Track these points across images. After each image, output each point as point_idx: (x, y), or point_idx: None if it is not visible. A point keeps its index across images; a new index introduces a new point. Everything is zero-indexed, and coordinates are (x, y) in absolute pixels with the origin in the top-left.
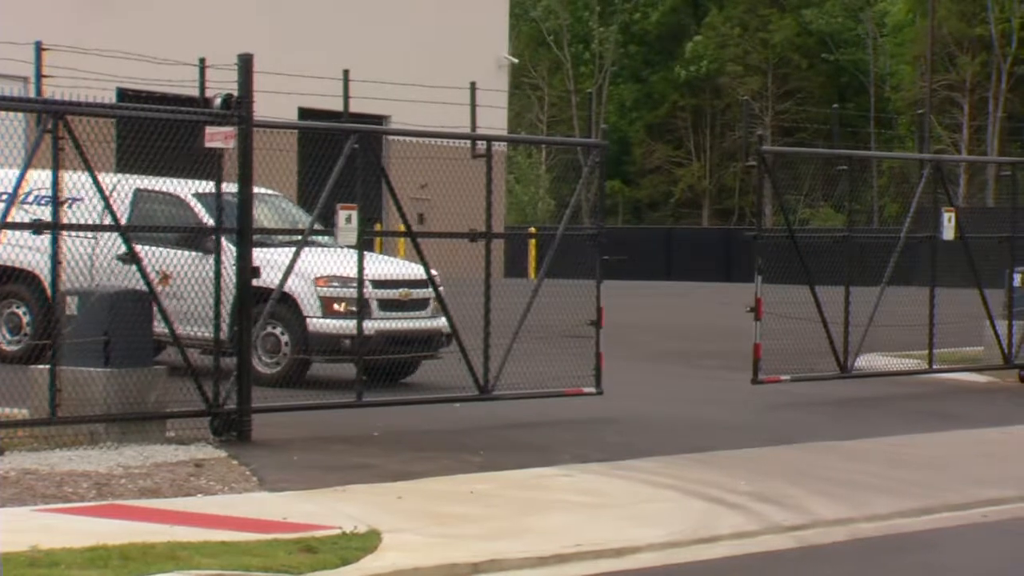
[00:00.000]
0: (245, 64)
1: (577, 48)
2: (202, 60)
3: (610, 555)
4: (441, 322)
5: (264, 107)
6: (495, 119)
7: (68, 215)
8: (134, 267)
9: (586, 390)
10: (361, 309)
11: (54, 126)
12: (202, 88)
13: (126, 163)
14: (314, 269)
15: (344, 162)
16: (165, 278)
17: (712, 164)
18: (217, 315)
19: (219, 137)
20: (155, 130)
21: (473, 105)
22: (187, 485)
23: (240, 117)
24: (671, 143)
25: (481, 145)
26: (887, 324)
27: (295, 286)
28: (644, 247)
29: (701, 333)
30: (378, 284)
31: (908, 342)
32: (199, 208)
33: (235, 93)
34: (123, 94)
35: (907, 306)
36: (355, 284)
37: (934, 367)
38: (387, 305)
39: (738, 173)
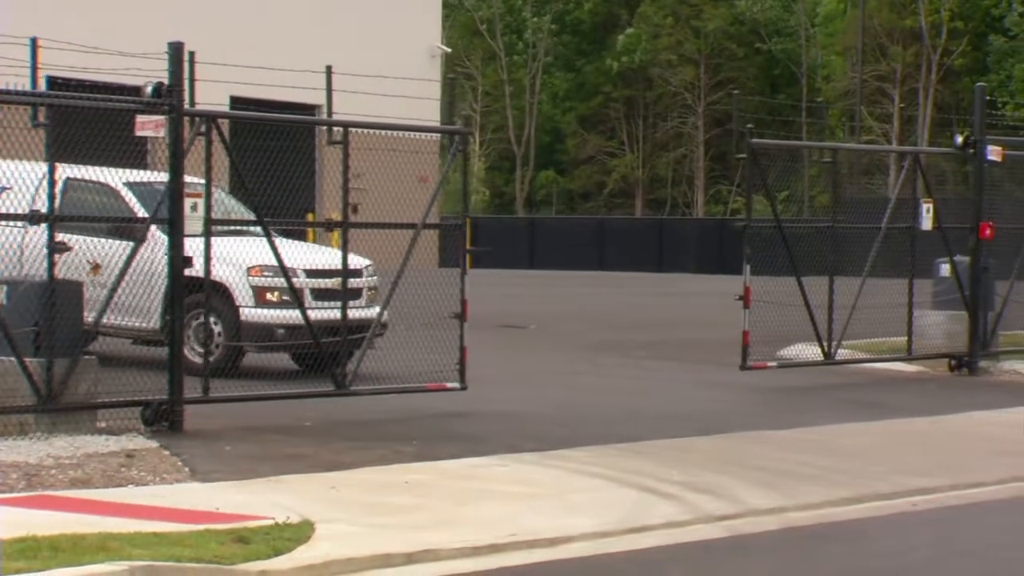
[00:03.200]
0: (176, 53)
1: (510, 38)
2: (33, 40)
3: (544, 545)
4: (377, 311)
5: (197, 96)
6: (428, 109)
7: None
8: (63, 257)
9: (449, 385)
10: (294, 298)
11: None
12: (33, 71)
13: (57, 152)
14: (247, 258)
15: (207, 146)
16: (96, 268)
17: (645, 154)
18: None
19: (150, 126)
20: (85, 119)
21: (329, 90)
22: (118, 476)
23: (171, 106)
24: (604, 133)
25: (338, 132)
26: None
27: (227, 275)
28: (577, 237)
29: (634, 323)
30: (311, 273)
31: (856, 332)
32: (130, 197)
33: (166, 81)
34: (54, 82)
35: (848, 296)
36: (289, 273)
37: (912, 354)
38: (320, 294)
39: (670, 163)
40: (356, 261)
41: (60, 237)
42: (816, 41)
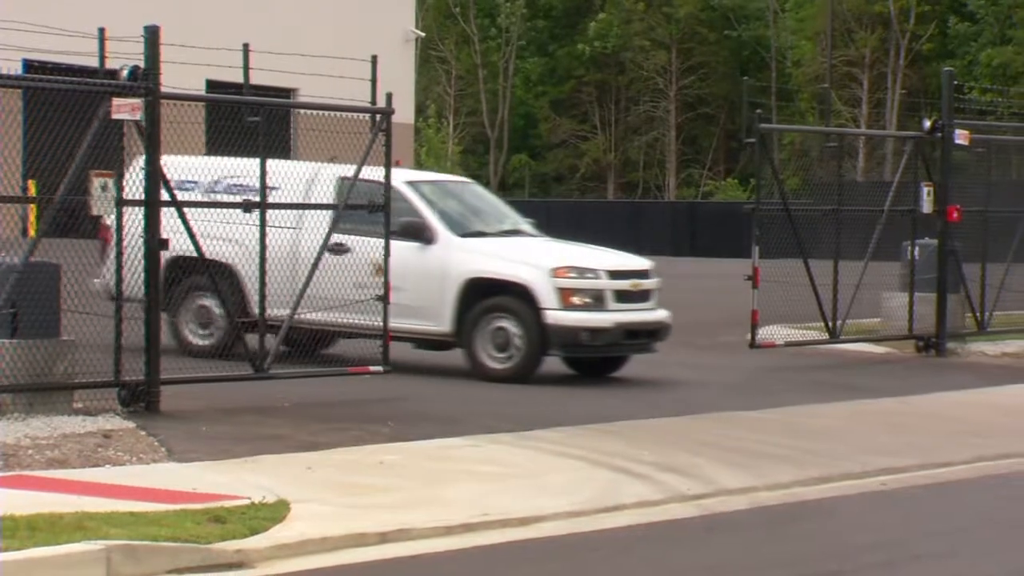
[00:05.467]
0: (152, 36)
1: (484, 21)
2: None
3: (515, 524)
4: (665, 313)
5: (172, 79)
6: (402, 94)
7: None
8: (342, 259)
9: (373, 368)
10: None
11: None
12: None
13: (34, 136)
14: (550, 259)
15: (99, 127)
16: (379, 269)
17: (617, 138)
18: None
19: (126, 109)
20: (62, 101)
21: (246, 68)
22: (95, 456)
23: (147, 89)
24: (576, 117)
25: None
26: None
27: (531, 277)
28: (550, 220)
29: None
30: (613, 275)
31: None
32: (413, 196)
33: (142, 65)
34: (29, 66)
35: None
36: (593, 275)
37: (914, 332)
38: (620, 296)
39: (642, 147)
40: (642, 262)
41: (338, 238)
42: (786, 26)
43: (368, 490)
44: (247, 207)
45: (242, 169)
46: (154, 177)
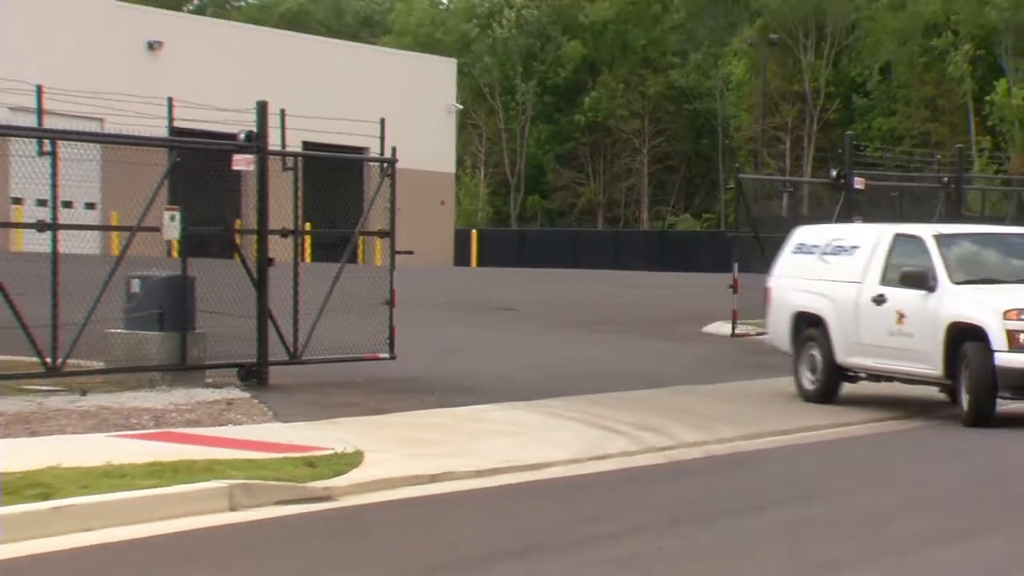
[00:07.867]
0: (262, 108)
1: (506, 98)
2: (38, 87)
3: (530, 469)
4: None
5: (275, 139)
6: (446, 151)
7: (847, 260)
8: (880, 308)
9: (382, 355)
10: None
11: None
12: (39, 114)
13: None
14: (1003, 302)
15: (168, 172)
16: (901, 317)
17: (605, 183)
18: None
19: (243, 162)
20: (198, 158)
21: (283, 128)
22: (221, 418)
23: (258, 147)
24: (575, 168)
25: (288, 160)
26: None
27: (983, 318)
28: (556, 244)
29: (597, 307)
30: None
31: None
32: (932, 248)
33: (255, 130)
34: (174, 131)
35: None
36: None
37: None
38: None
39: (623, 190)
40: None
41: (881, 291)
42: (729, 101)
43: (422, 443)
44: (284, 234)
45: (844, 232)
46: (263, 215)
